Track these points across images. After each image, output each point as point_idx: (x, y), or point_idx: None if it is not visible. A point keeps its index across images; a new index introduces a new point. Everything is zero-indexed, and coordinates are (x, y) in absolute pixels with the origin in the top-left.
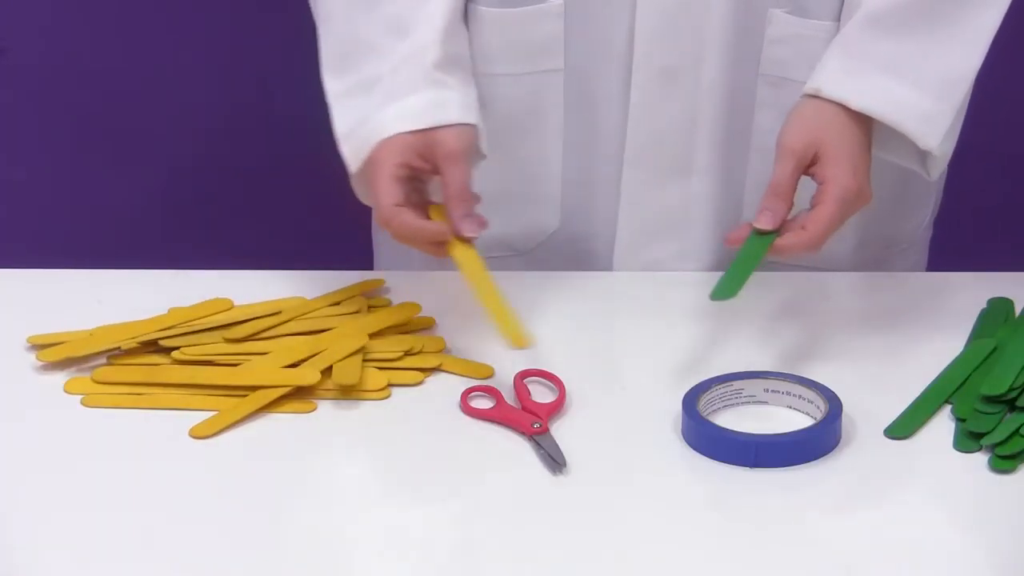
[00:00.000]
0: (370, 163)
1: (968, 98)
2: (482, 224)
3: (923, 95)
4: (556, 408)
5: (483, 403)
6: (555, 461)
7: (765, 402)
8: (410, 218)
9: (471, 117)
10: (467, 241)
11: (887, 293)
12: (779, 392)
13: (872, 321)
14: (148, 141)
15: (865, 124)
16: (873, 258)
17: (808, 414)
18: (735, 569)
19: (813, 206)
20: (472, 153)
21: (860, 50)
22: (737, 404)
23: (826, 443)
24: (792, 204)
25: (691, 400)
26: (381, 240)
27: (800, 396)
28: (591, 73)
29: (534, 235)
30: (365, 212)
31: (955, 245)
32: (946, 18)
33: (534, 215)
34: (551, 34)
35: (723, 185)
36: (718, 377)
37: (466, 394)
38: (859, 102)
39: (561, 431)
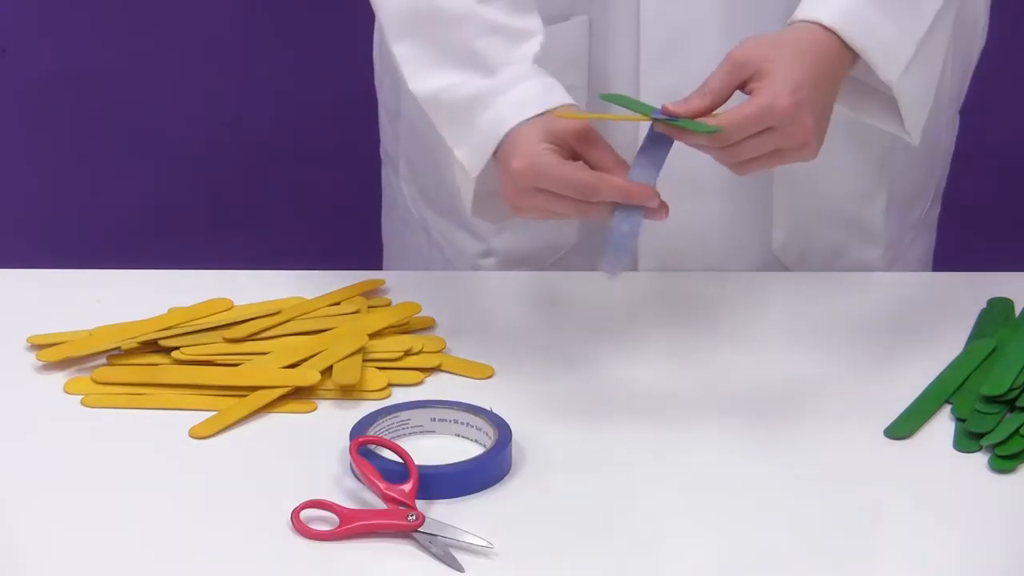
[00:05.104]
0: (500, 160)
1: (939, 51)
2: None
3: (888, 20)
4: (414, 486)
5: (322, 525)
6: (451, 566)
7: (432, 431)
8: (557, 161)
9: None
10: None
11: (887, 293)
12: (447, 421)
13: (872, 321)
14: (147, 141)
15: (837, 61)
16: (896, 237)
17: (477, 441)
18: (735, 568)
19: None
20: None
21: None
22: (404, 435)
23: (496, 471)
24: (713, 108)
25: (360, 433)
26: (390, 242)
27: (468, 424)
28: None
29: (552, 250)
30: (365, 212)
31: (955, 245)
32: None
33: (553, 229)
34: (575, 51)
35: (739, 203)
36: (384, 409)
37: (296, 513)
38: (830, 20)
39: (548, 434)
